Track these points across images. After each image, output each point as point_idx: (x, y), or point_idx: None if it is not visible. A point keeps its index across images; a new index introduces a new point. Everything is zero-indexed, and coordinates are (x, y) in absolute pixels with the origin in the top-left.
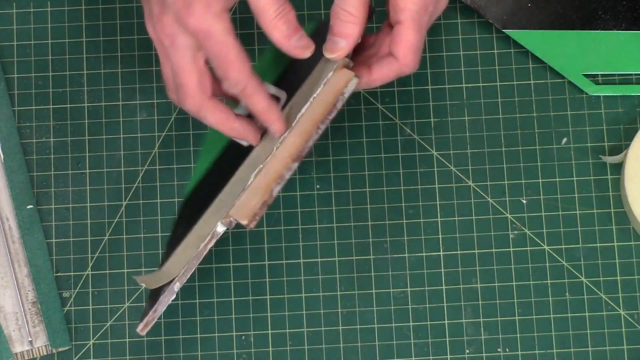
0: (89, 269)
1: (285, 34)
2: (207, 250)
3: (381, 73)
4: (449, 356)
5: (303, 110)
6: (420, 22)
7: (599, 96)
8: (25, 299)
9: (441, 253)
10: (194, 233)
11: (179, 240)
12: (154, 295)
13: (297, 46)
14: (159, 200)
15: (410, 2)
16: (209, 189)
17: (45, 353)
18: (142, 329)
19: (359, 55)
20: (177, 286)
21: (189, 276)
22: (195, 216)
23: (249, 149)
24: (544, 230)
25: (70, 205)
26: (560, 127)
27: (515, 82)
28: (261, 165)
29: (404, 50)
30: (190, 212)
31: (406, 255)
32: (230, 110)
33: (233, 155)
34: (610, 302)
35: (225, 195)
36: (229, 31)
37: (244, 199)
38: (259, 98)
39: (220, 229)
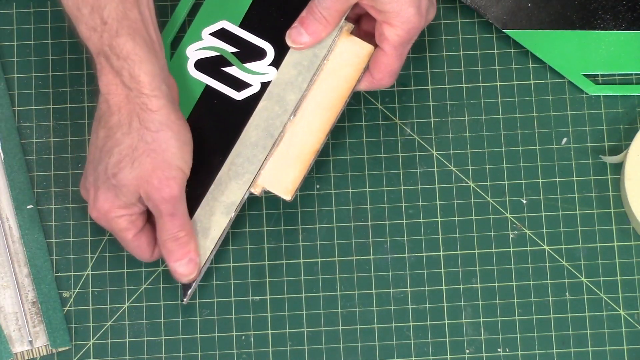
0: (89, 269)
1: (173, 257)
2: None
3: (358, 86)
4: (449, 356)
5: (320, 80)
6: (402, 52)
7: (599, 96)
8: (25, 299)
9: (441, 253)
10: (213, 199)
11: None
12: None
13: (178, 272)
14: None
15: (396, 35)
16: (205, 139)
17: (45, 353)
18: (186, 300)
19: None
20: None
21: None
22: (200, 170)
23: (238, 104)
24: (544, 230)
25: (70, 205)
26: (560, 127)
27: (515, 82)
28: (280, 132)
29: (383, 74)
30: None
31: (406, 255)
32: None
33: (220, 106)
34: (610, 302)
35: (240, 159)
36: (124, 230)
37: (276, 171)
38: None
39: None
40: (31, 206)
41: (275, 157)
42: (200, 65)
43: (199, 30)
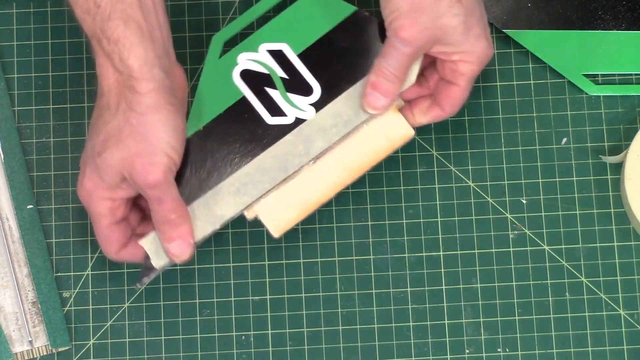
0: (89, 269)
1: (165, 237)
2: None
3: (425, 120)
4: (449, 356)
5: (352, 140)
6: (472, 83)
7: (599, 96)
8: (25, 299)
9: (441, 253)
10: (205, 205)
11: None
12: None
13: (171, 253)
14: None
15: (471, 70)
16: (220, 146)
17: (45, 353)
18: (139, 285)
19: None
20: None
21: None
22: (204, 173)
23: (266, 126)
24: (544, 230)
25: (70, 205)
26: (560, 127)
27: (515, 82)
28: (295, 172)
29: (453, 108)
30: (201, 158)
31: (406, 255)
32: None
33: (249, 121)
34: (610, 302)
35: (246, 179)
36: (101, 215)
37: (276, 206)
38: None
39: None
40: (31, 206)
41: (280, 192)
42: (246, 75)
43: (258, 43)
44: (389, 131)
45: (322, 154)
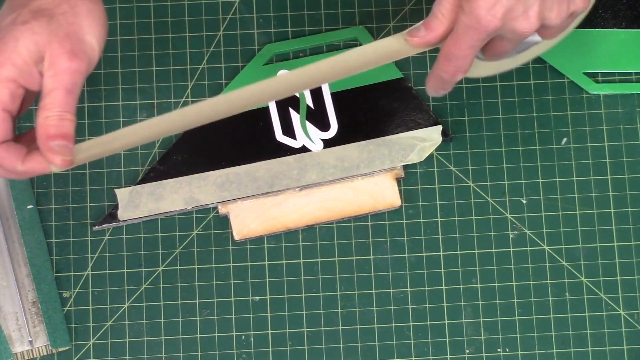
0: (89, 269)
1: (49, 133)
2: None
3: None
4: (449, 356)
5: (342, 186)
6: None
7: (599, 96)
8: (25, 299)
9: (441, 253)
10: (188, 184)
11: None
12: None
13: (55, 151)
14: None
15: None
16: (224, 140)
17: (45, 353)
18: (96, 227)
19: None
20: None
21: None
22: (200, 156)
23: (273, 141)
24: (544, 230)
25: (70, 205)
26: (560, 127)
27: (515, 82)
28: (279, 190)
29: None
30: (204, 143)
31: (406, 255)
32: None
33: (260, 130)
34: (610, 302)
35: (235, 178)
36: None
37: (248, 212)
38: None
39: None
40: (31, 206)
41: (257, 202)
42: None
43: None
44: (378, 194)
45: (310, 186)
